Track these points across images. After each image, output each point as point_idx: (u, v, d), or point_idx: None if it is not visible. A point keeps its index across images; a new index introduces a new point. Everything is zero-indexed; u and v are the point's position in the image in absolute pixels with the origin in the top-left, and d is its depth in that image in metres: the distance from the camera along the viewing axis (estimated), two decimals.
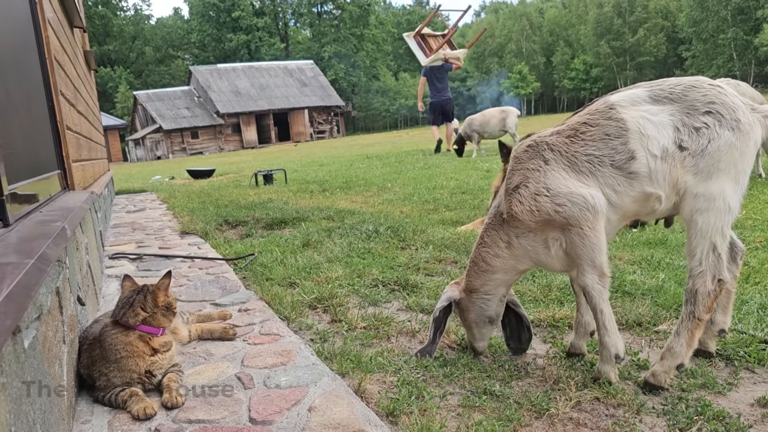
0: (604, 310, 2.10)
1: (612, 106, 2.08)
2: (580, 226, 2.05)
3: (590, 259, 2.07)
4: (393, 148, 20.41)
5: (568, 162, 2.10)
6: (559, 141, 2.13)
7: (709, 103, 1.98)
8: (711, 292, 1.98)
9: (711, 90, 2.00)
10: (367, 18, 71.54)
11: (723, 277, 1.98)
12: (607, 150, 2.05)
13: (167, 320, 2.16)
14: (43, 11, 3.37)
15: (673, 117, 2.00)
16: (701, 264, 1.97)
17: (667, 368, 2.03)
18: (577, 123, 2.13)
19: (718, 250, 1.96)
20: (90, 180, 5.08)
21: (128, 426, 1.83)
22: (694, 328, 2.00)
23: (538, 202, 2.10)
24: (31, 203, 2.32)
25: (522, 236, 2.20)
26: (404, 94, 72.96)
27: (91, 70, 7.87)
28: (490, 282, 2.34)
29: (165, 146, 47.46)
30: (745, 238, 3.96)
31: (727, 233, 1.98)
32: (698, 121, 1.98)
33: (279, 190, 9.21)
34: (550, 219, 2.09)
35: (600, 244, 2.06)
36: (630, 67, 61.02)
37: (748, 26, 48.31)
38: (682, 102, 2.01)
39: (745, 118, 1.97)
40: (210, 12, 71.67)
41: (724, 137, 1.95)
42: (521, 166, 2.18)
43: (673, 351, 2.02)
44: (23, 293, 1.21)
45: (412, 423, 1.81)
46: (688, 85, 2.02)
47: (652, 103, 2.04)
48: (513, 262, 2.27)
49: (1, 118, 1.99)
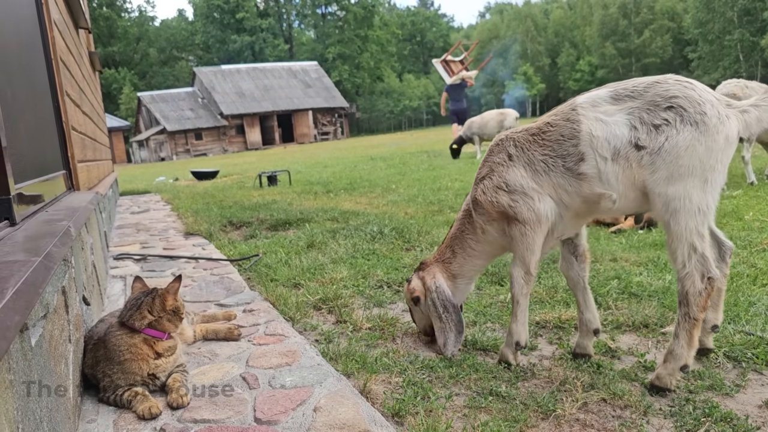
0: (520, 301, 2.28)
1: (575, 107, 2.12)
2: (525, 224, 2.20)
3: (522, 256, 2.24)
4: (397, 150, 20.41)
5: (527, 160, 2.20)
6: (524, 138, 2.22)
7: (671, 97, 1.93)
8: (702, 291, 1.95)
9: (675, 85, 1.95)
10: (372, 19, 71.50)
11: (712, 274, 1.95)
12: (561, 151, 2.11)
13: (173, 325, 2.14)
14: (49, 12, 3.38)
15: (631, 115, 1.98)
16: (685, 266, 1.96)
17: (671, 370, 2.02)
18: (543, 123, 2.21)
19: (699, 249, 1.94)
20: (95, 180, 5.10)
21: (133, 425, 1.83)
22: (691, 329, 1.99)
23: (498, 195, 2.25)
24: (37, 203, 2.33)
25: (488, 223, 2.36)
26: (408, 95, 72.88)
27: (96, 71, 7.89)
28: (474, 266, 2.50)
29: (169, 147, 47.57)
30: (752, 240, 3.93)
31: (704, 233, 1.94)
32: (658, 118, 1.93)
33: (283, 191, 9.21)
34: (505, 211, 2.25)
35: (534, 246, 2.22)
36: (636, 69, 60.81)
37: (755, 27, 48.08)
38: (643, 98, 1.98)
39: (712, 112, 1.90)
40: (214, 13, 71.80)
41: (684, 134, 1.89)
42: (490, 159, 2.33)
43: (674, 353, 2.02)
44: (31, 290, 1.21)
45: (417, 423, 1.81)
46: (652, 82, 2.00)
47: (612, 103, 2.03)
48: (488, 246, 2.43)
49: (8, 119, 1.99)
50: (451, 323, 2.41)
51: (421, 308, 2.55)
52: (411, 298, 2.56)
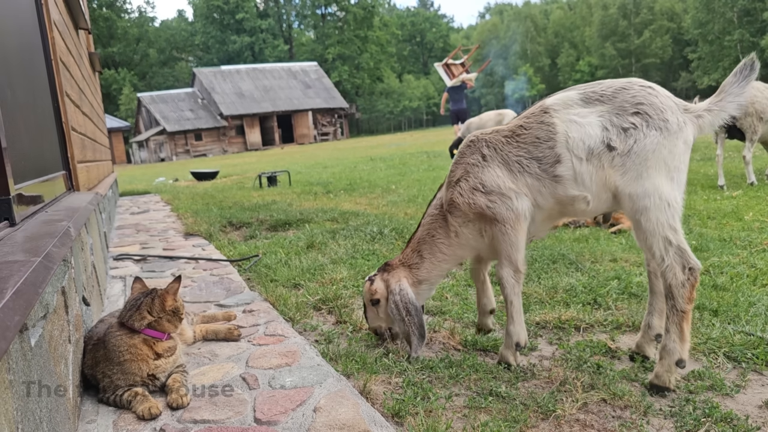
0: (513, 301, 2.28)
1: (546, 109, 2.16)
2: (504, 223, 2.22)
3: (508, 254, 2.25)
4: (397, 150, 20.42)
5: (502, 161, 2.22)
6: (497, 140, 2.25)
7: (637, 104, 2.03)
8: (685, 282, 1.99)
9: (641, 91, 2.05)
10: (371, 20, 71.49)
11: (692, 264, 1.99)
12: (537, 153, 2.15)
13: (173, 326, 2.13)
14: (49, 13, 3.38)
15: (602, 118, 2.06)
16: (664, 260, 2.01)
17: (668, 367, 2.03)
18: (515, 125, 2.24)
19: (675, 242, 1.99)
20: (94, 181, 5.10)
21: (133, 426, 1.83)
22: (681, 322, 2.01)
23: (475, 196, 2.26)
24: (36, 203, 2.33)
25: (464, 225, 2.36)
26: (408, 96, 72.89)
27: (96, 71, 7.89)
28: (441, 271, 2.50)
29: (169, 148, 47.58)
30: (752, 240, 3.94)
31: (677, 227, 2.01)
32: (626, 122, 2.03)
33: (283, 191, 9.22)
34: (483, 212, 2.26)
35: (518, 243, 2.23)
36: (635, 69, 60.81)
37: (755, 28, 48.11)
38: (612, 103, 2.07)
39: (673, 118, 2.02)
40: (214, 14, 71.85)
41: (650, 137, 2.00)
42: (463, 161, 2.33)
43: (668, 349, 2.04)
44: (31, 290, 1.21)
45: (417, 424, 1.80)
46: (619, 87, 2.08)
47: (584, 106, 2.11)
48: (459, 250, 2.44)
49: (8, 119, 1.99)
50: (414, 327, 2.39)
51: (378, 310, 2.53)
52: (371, 298, 2.52)
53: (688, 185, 6.66)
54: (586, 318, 2.73)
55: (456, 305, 3.05)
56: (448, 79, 19.83)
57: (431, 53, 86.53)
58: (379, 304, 2.51)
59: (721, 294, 2.91)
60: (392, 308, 2.44)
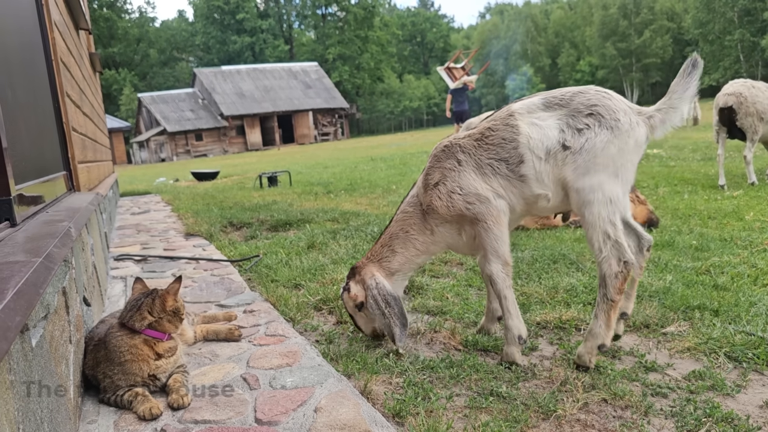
0: (507, 296, 2.34)
1: (512, 113, 2.30)
2: (486, 221, 2.31)
3: (494, 249, 2.32)
4: (398, 150, 20.43)
5: (475, 164, 2.33)
6: (470, 144, 2.36)
7: (591, 106, 2.18)
8: (618, 274, 2.15)
9: (596, 95, 2.21)
10: (372, 20, 71.43)
11: (627, 258, 2.14)
12: (504, 154, 2.28)
13: (174, 326, 2.13)
14: (50, 13, 3.38)
15: (560, 120, 2.21)
16: (602, 251, 2.15)
17: (590, 349, 2.20)
18: (484, 128, 2.35)
19: (613, 237, 2.14)
20: (95, 181, 5.10)
21: (134, 426, 1.83)
22: (609, 310, 2.18)
23: (453, 200, 2.35)
24: (37, 204, 2.33)
25: (440, 225, 2.46)
26: (409, 96, 72.85)
27: (96, 72, 7.89)
28: (413, 264, 2.58)
29: (169, 148, 47.59)
30: (752, 240, 3.94)
31: (617, 222, 2.15)
32: (581, 123, 2.18)
33: (283, 192, 9.22)
34: (462, 214, 2.35)
35: (503, 237, 2.32)
36: (636, 69, 60.79)
37: (755, 27, 48.06)
38: (569, 106, 2.22)
39: (625, 119, 2.16)
40: (214, 14, 71.84)
41: (601, 136, 2.14)
42: (440, 165, 2.42)
43: (593, 333, 2.20)
44: (31, 291, 1.21)
45: (418, 424, 1.80)
46: (576, 92, 2.24)
47: (544, 110, 2.26)
48: (433, 246, 2.54)
49: (9, 120, 1.99)
50: (395, 317, 2.42)
51: (365, 312, 2.54)
52: (354, 305, 2.53)
53: (689, 185, 6.68)
54: (587, 318, 2.73)
55: (456, 305, 3.05)
56: (451, 81, 20.72)
57: (432, 53, 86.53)
58: (364, 306, 2.53)
59: (721, 294, 2.91)
60: (371, 303, 2.48)
